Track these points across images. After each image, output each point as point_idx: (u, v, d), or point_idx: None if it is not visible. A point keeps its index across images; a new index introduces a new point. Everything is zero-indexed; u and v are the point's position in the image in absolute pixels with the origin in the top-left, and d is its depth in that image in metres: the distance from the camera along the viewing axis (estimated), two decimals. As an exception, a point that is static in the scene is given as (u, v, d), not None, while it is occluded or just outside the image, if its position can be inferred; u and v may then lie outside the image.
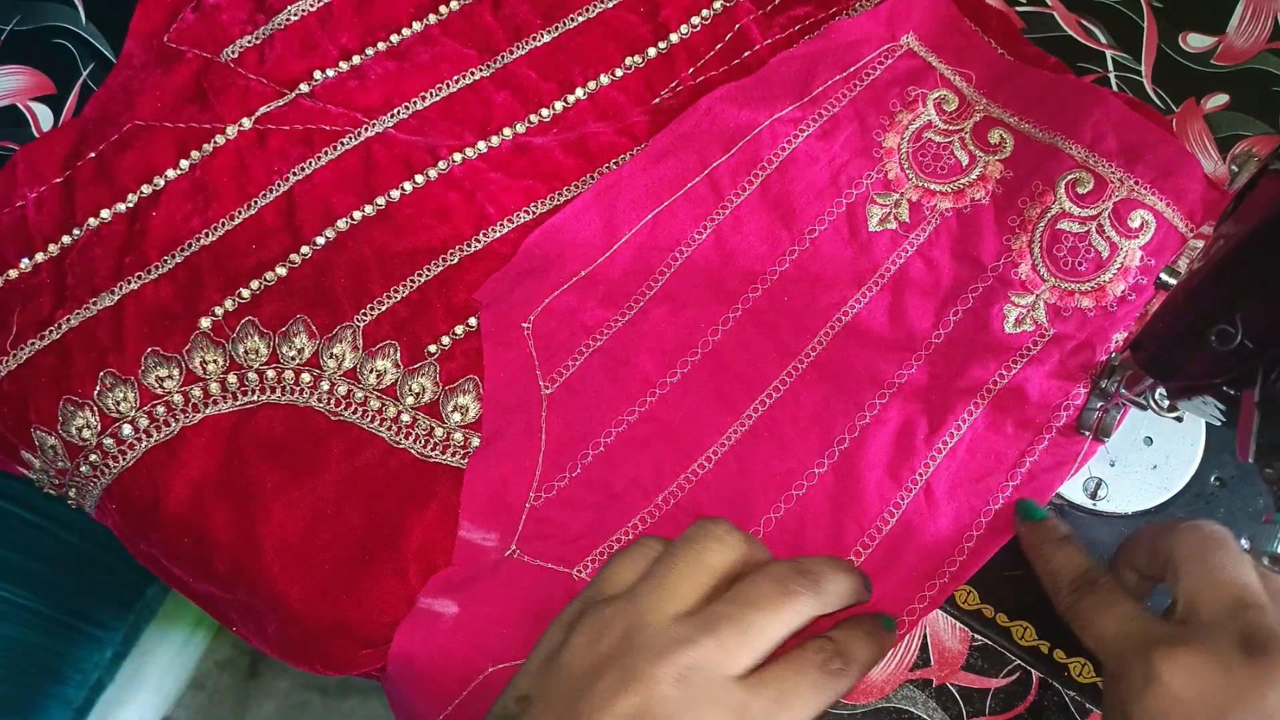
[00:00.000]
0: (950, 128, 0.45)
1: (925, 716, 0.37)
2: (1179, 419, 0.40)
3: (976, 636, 0.38)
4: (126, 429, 0.39)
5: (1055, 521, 0.37)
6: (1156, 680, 0.28)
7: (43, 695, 0.80)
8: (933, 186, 0.44)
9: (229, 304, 0.41)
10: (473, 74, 0.47)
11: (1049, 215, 0.42)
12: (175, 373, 0.40)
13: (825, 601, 0.31)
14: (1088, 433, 0.39)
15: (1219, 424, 0.36)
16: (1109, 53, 0.47)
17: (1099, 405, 0.39)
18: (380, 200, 0.44)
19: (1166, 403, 0.40)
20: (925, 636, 0.38)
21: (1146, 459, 0.40)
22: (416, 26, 0.47)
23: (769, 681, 0.29)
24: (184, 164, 0.44)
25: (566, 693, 0.29)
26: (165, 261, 0.42)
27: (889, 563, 0.37)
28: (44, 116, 0.46)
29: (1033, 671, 0.38)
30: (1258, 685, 0.27)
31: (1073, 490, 0.40)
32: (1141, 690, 0.28)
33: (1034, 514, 0.38)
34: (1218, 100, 0.46)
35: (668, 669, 0.28)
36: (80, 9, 0.48)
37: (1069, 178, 0.43)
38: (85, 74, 0.47)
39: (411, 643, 0.36)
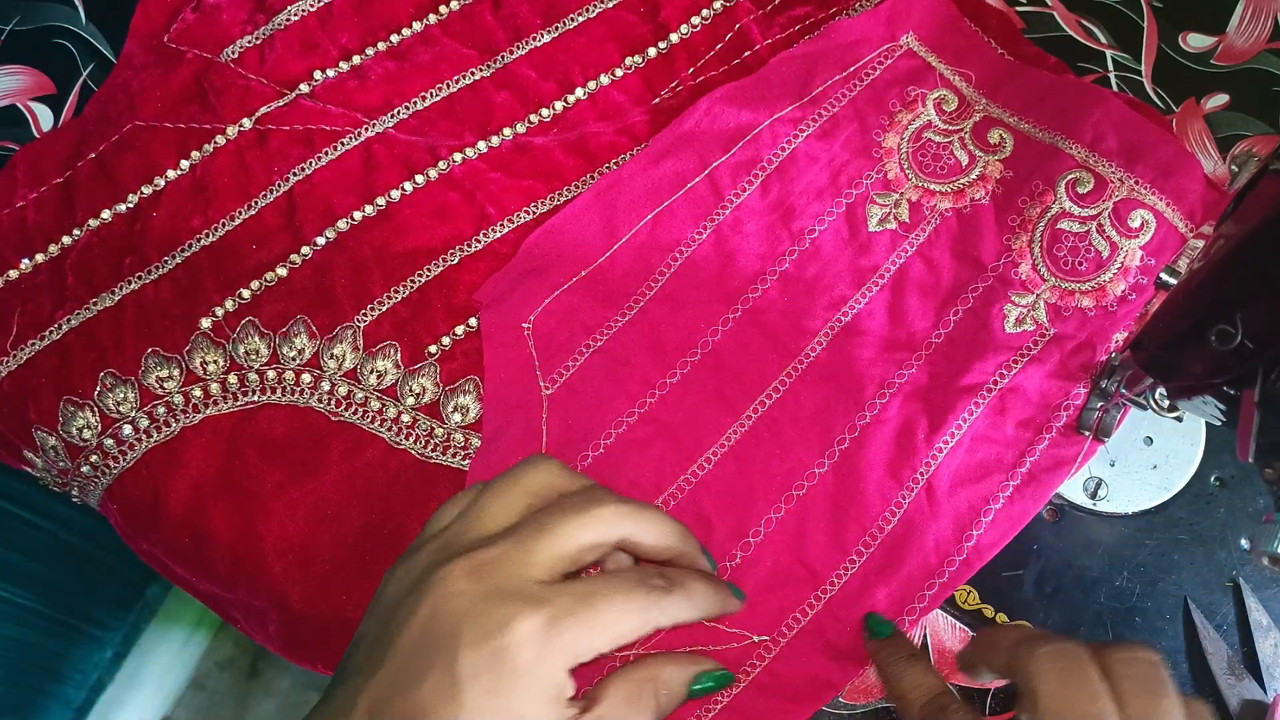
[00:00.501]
0: (950, 128, 0.45)
1: (925, 716, 0.37)
2: (1179, 419, 0.40)
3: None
4: (127, 429, 0.39)
5: (904, 639, 0.36)
6: None
7: (43, 695, 0.80)
8: (932, 186, 0.44)
9: (229, 304, 0.41)
10: (473, 74, 0.47)
11: (1049, 215, 0.42)
12: (175, 373, 0.40)
13: (638, 522, 0.30)
14: (1088, 433, 0.39)
15: (1219, 424, 0.36)
16: (1109, 53, 0.47)
17: (1099, 405, 0.39)
18: (380, 200, 0.44)
19: (1166, 403, 0.40)
20: (925, 636, 0.38)
21: (1146, 459, 0.40)
22: (416, 26, 0.47)
23: (574, 582, 0.28)
24: (184, 164, 0.44)
25: (379, 621, 0.28)
26: (165, 262, 0.42)
27: (890, 562, 0.37)
28: (44, 116, 0.46)
29: (1033, 671, 0.38)
30: None
31: (1073, 490, 0.40)
32: None
33: (881, 630, 0.36)
34: (1218, 100, 0.46)
35: (459, 567, 0.27)
36: (80, 9, 0.48)
37: (1069, 177, 0.43)
38: (85, 74, 0.47)
39: None
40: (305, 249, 0.43)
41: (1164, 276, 0.34)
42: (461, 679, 0.26)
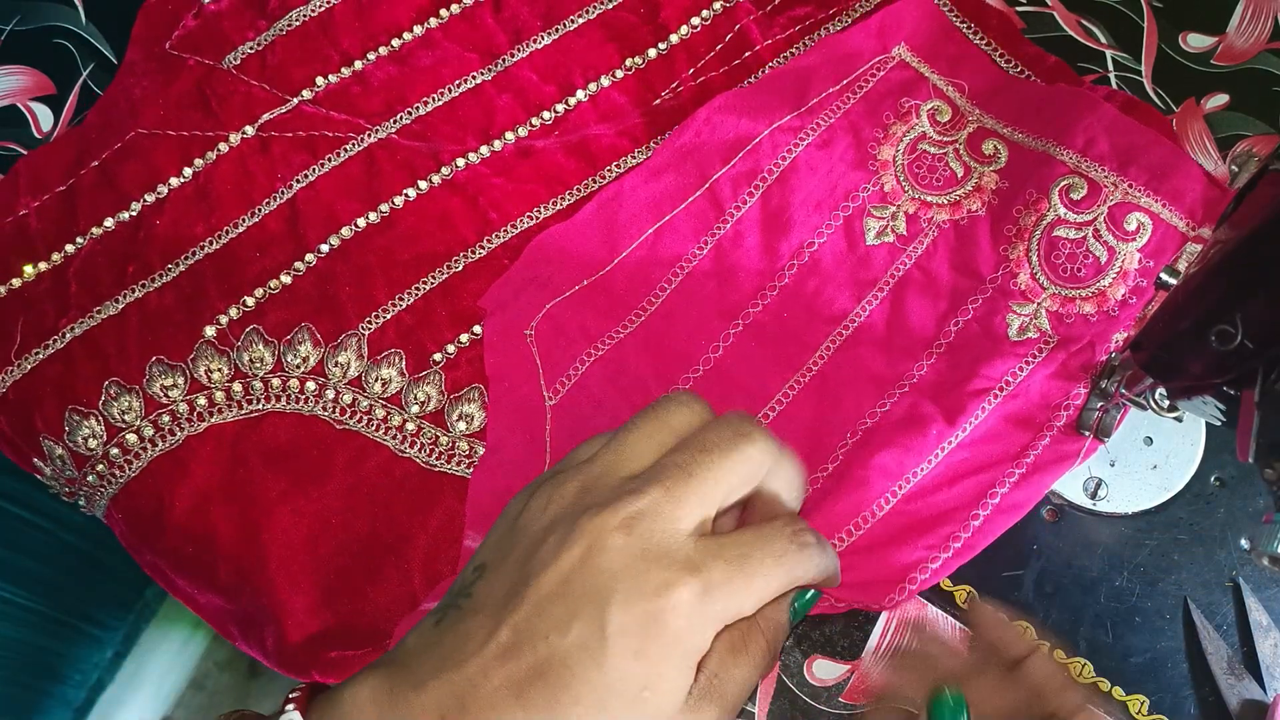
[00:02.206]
0: (944, 139, 0.45)
1: (927, 716, 0.37)
2: (1179, 419, 0.40)
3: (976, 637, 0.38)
4: (132, 438, 0.39)
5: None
6: None
7: (43, 695, 0.80)
8: (929, 198, 0.44)
9: (233, 312, 0.41)
10: (474, 78, 0.47)
11: (1045, 223, 0.42)
12: (180, 381, 0.40)
13: (780, 460, 0.29)
14: (1088, 433, 0.40)
15: (1219, 424, 0.36)
16: (1109, 53, 0.48)
17: (1099, 405, 0.40)
18: (384, 207, 0.44)
19: (1166, 403, 0.40)
20: (926, 637, 0.38)
21: (1146, 459, 0.40)
22: (418, 30, 0.47)
23: (727, 543, 0.27)
24: (187, 172, 0.44)
25: (517, 555, 0.28)
26: (169, 269, 0.42)
27: (882, 540, 0.38)
28: (44, 116, 0.46)
29: (1034, 671, 0.38)
30: None
31: (1073, 490, 0.40)
32: None
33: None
34: (1218, 100, 0.46)
35: (611, 518, 0.26)
36: (80, 9, 0.48)
37: (1062, 184, 0.43)
38: (85, 74, 0.46)
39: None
40: (309, 256, 0.43)
41: (1164, 277, 0.34)
42: (609, 637, 0.25)
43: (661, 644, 0.26)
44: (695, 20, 0.48)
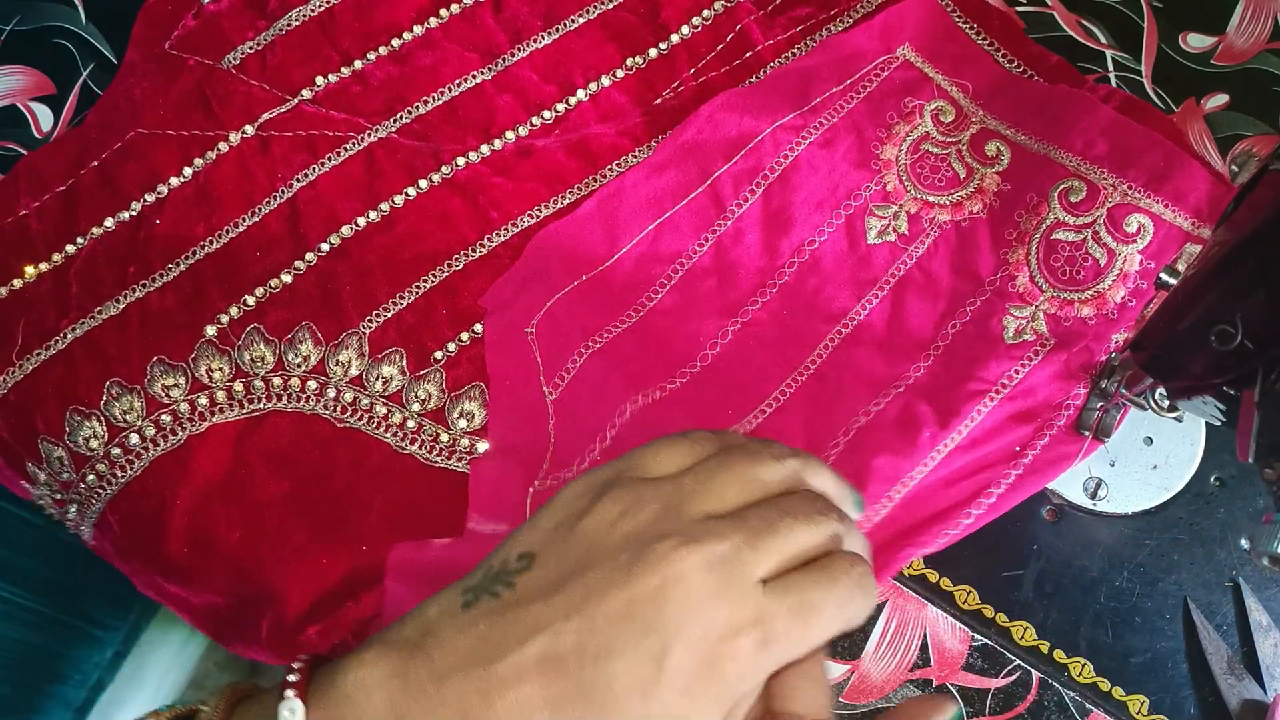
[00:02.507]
0: (948, 140, 0.45)
1: (927, 715, 0.37)
2: (1179, 419, 0.40)
3: (976, 636, 0.38)
4: (133, 438, 0.39)
5: None
6: None
7: (43, 695, 0.80)
8: (931, 199, 0.44)
9: (234, 311, 0.41)
10: (474, 77, 0.47)
11: (1044, 226, 0.42)
12: (181, 381, 0.40)
13: (850, 531, 0.30)
14: (1088, 433, 0.40)
15: (1219, 424, 0.36)
16: (1109, 53, 0.48)
17: (1099, 405, 0.40)
18: (384, 206, 0.44)
19: (1166, 403, 0.40)
20: (925, 636, 0.38)
21: (1146, 459, 0.40)
22: (418, 30, 0.47)
23: (792, 588, 0.27)
24: (187, 172, 0.44)
25: (578, 558, 0.27)
26: (170, 270, 0.42)
27: (878, 541, 0.38)
28: (44, 116, 0.46)
29: (1033, 671, 0.38)
30: None
31: (1073, 490, 0.40)
32: None
33: None
34: (1218, 100, 0.46)
35: (695, 556, 0.26)
36: (80, 9, 0.48)
37: (1061, 187, 0.43)
38: (85, 74, 0.46)
39: (405, 580, 0.37)
40: (310, 255, 0.43)
41: (1164, 277, 0.34)
42: (665, 672, 0.25)
43: (711, 686, 0.26)
44: (696, 20, 0.48)
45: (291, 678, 0.26)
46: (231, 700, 0.28)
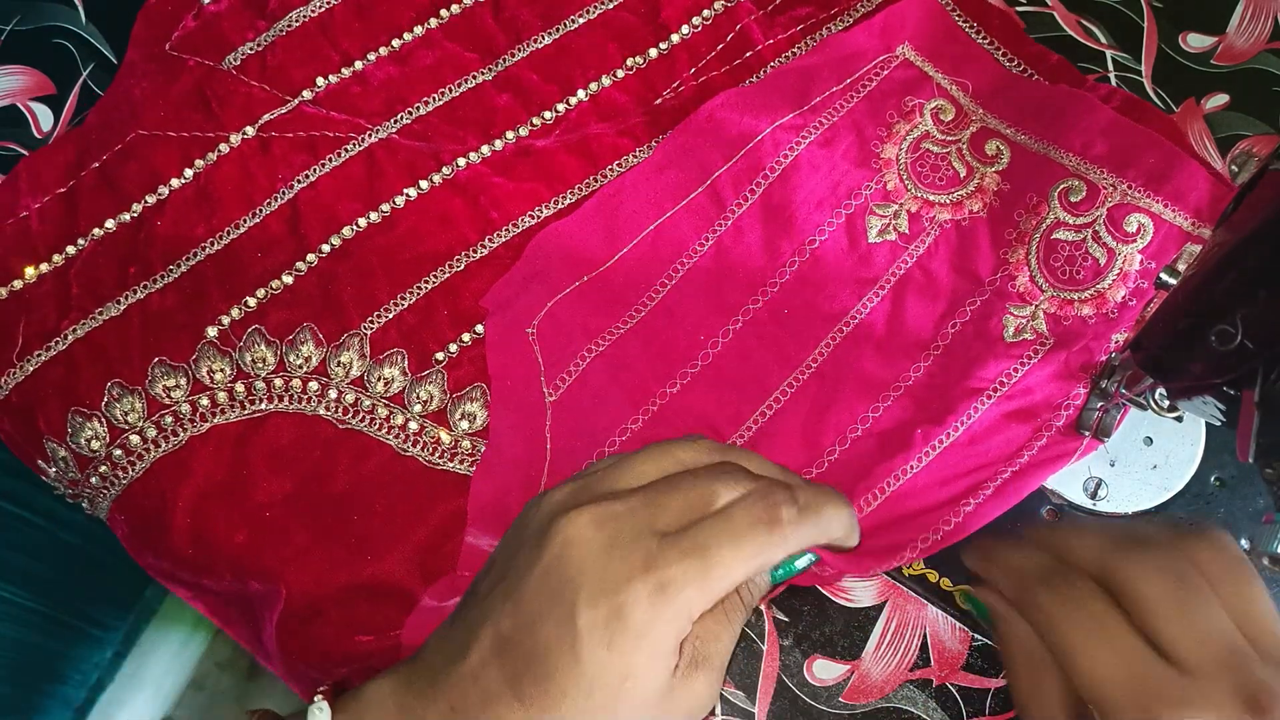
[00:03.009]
0: (948, 138, 0.45)
1: (925, 716, 0.37)
2: (1179, 419, 0.40)
3: (976, 636, 0.38)
4: (135, 439, 0.39)
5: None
6: None
7: (43, 695, 0.80)
8: (931, 198, 0.44)
9: (235, 312, 0.41)
10: (475, 77, 0.47)
11: (1044, 226, 0.42)
12: (183, 382, 0.40)
13: (768, 495, 0.29)
14: (1088, 433, 0.40)
15: (1219, 424, 0.36)
16: (1109, 53, 0.48)
17: (1099, 405, 0.40)
18: (385, 207, 0.44)
19: (1166, 403, 0.40)
20: (925, 637, 0.38)
21: (1146, 459, 0.40)
22: (418, 30, 0.47)
23: (685, 533, 0.27)
24: (188, 173, 0.44)
25: (509, 552, 0.29)
26: (170, 271, 0.42)
27: (874, 527, 0.38)
28: (44, 116, 0.46)
29: (1034, 671, 0.38)
30: None
31: (1073, 490, 0.40)
32: None
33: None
34: (1218, 100, 0.46)
35: (587, 515, 0.28)
36: (80, 9, 0.48)
37: (1061, 187, 0.43)
38: (85, 74, 0.46)
39: (419, 633, 0.37)
40: (311, 256, 0.43)
41: (1164, 277, 0.34)
42: (580, 630, 0.26)
43: (628, 637, 0.26)
44: (696, 20, 0.48)
45: (321, 687, 0.29)
46: None
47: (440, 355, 0.41)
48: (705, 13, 0.48)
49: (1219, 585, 0.29)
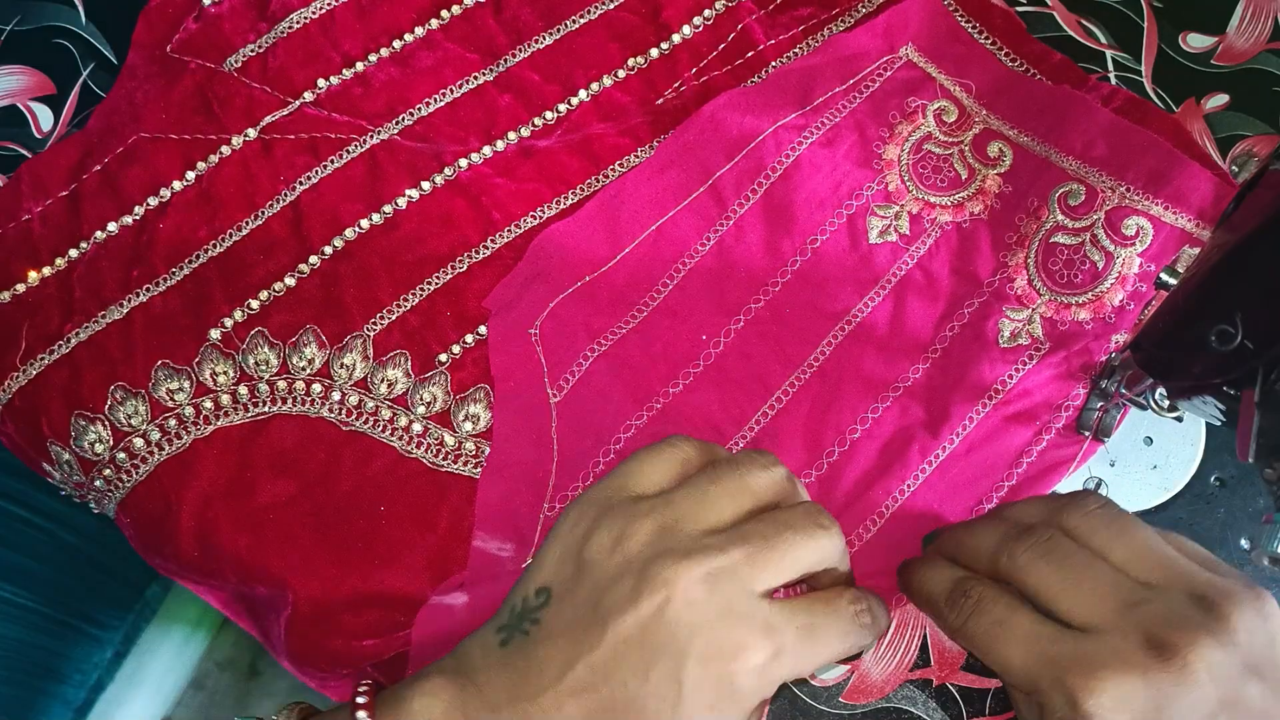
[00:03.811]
0: (950, 140, 0.45)
1: (925, 716, 0.37)
2: (1179, 419, 0.41)
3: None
4: (138, 442, 0.39)
5: (929, 554, 0.36)
6: (1085, 713, 0.27)
7: (43, 695, 0.80)
8: (932, 199, 0.44)
9: (238, 315, 0.41)
10: (476, 78, 0.47)
11: (1044, 230, 0.42)
12: (186, 385, 0.40)
13: (844, 553, 0.31)
14: (1088, 433, 0.40)
15: (1219, 424, 0.36)
16: (1109, 53, 0.48)
17: (1099, 405, 0.40)
18: (387, 208, 0.44)
19: (1166, 403, 0.40)
20: (925, 636, 0.38)
21: (1146, 459, 0.41)
22: (419, 31, 0.47)
23: (799, 610, 0.29)
24: (190, 175, 0.43)
25: (588, 590, 0.28)
26: (173, 273, 0.42)
27: (882, 547, 0.38)
28: (44, 116, 0.45)
29: (1035, 671, 0.38)
30: (1178, 682, 0.27)
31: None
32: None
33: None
34: (1218, 100, 0.46)
35: (694, 571, 0.27)
36: (80, 9, 0.48)
37: (1061, 190, 0.43)
38: (85, 74, 0.46)
39: (430, 629, 0.37)
40: (313, 258, 0.43)
41: (1164, 277, 0.34)
42: (685, 690, 0.27)
43: (731, 701, 0.27)
44: (697, 20, 0.48)
45: (360, 699, 0.28)
46: (300, 718, 0.31)
47: (443, 356, 0.41)
48: (706, 12, 0.48)
49: (1093, 542, 0.30)
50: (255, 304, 0.42)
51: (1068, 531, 0.31)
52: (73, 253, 0.42)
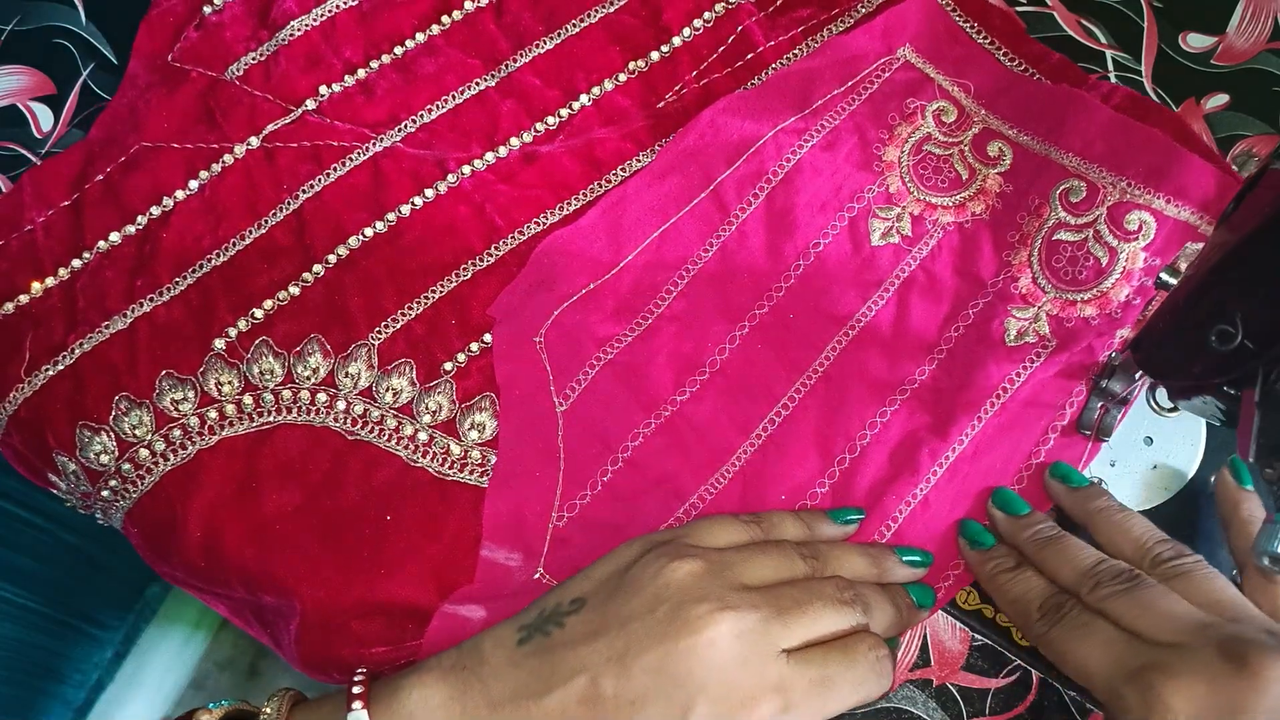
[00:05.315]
0: (950, 140, 0.45)
1: (925, 716, 0.37)
2: (1179, 419, 0.41)
3: (976, 636, 0.39)
4: (143, 453, 0.39)
5: (1005, 549, 0.37)
6: (1162, 708, 0.29)
7: (43, 695, 0.80)
8: (934, 200, 0.44)
9: (242, 324, 0.41)
10: (478, 84, 0.46)
11: (1046, 227, 0.43)
12: (190, 395, 0.40)
13: (871, 623, 0.33)
14: (1088, 433, 0.40)
15: (1219, 424, 0.37)
16: (1109, 53, 0.48)
17: (1099, 405, 0.40)
18: (391, 216, 0.44)
19: (1167, 403, 0.41)
20: (925, 636, 0.38)
21: (1146, 459, 0.41)
22: (420, 38, 0.47)
23: (814, 662, 0.30)
24: (193, 184, 0.43)
25: (622, 606, 0.30)
26: (177, 283, 0.42)
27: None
28: (44, 116, 0.45)
29: (1033, 671, 0.38)
30: (1250, 692, 0.28)
31: (1075, 490, 0.41)
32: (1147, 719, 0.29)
33: (981, 539, 0.38)
34: (1218, 100, 0.46)
35: (727, 623, 0.29)
36: (80, 9, 0.47)
37: (1062, 187, 0.43)
38: (85, 74, 0.46)
39: (444, 636, 0.37)
40: (317, 267, 0.42)
41: (1164, 276, 0.34)
42: None
43: None
44: (697, 22, 0.48)
45: (355, 689, 0.30)
46: (290, 704, 0.32)
47: (449, 365, 0.41)
48: (706, 15, 0.48)
49: (1176, 587, 0.32)
50: (259, 313, 0.42)
51: (1155, 575, 0.33)
52: (76, 263, 0.42)
